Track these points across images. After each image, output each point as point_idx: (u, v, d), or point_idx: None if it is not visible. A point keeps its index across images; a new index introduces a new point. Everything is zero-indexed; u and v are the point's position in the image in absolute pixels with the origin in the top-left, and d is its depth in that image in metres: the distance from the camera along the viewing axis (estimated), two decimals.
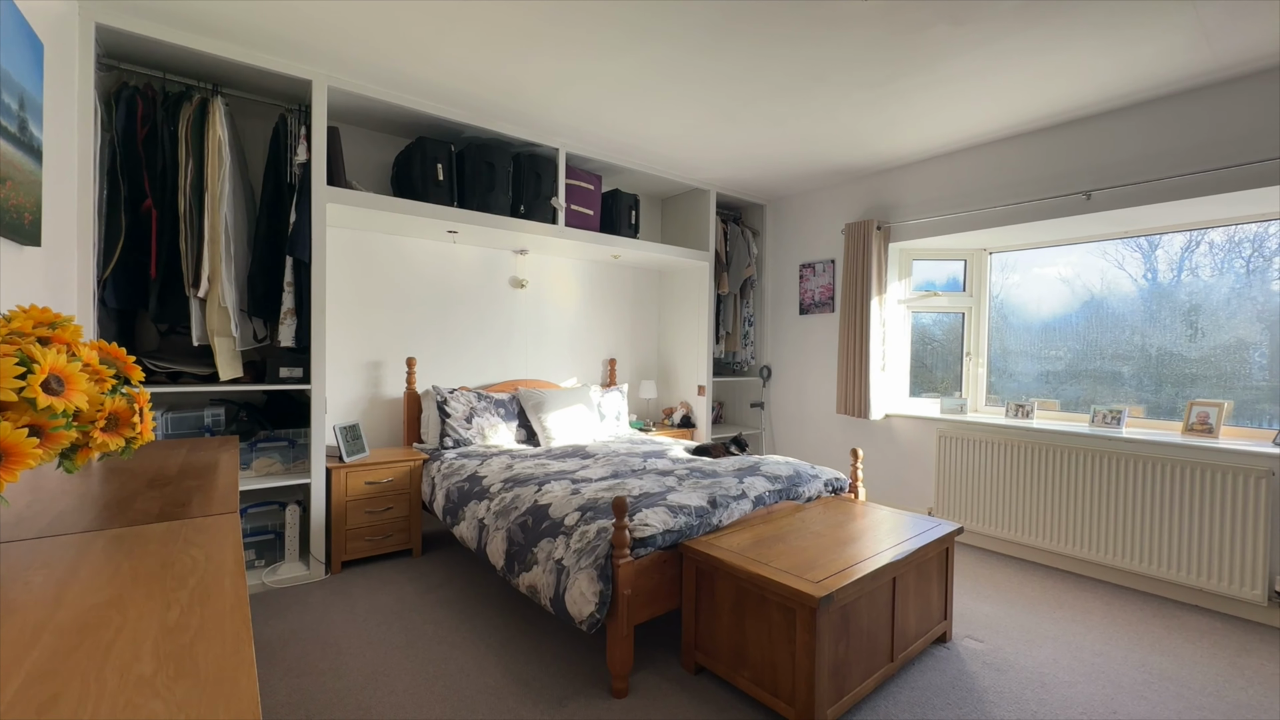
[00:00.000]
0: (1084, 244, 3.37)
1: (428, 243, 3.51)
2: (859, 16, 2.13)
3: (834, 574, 1.73)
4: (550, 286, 4.08)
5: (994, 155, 3.30)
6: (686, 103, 2.88)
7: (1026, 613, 2.50)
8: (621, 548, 1.84)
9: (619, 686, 1.85)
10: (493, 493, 2.52)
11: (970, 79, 2.57)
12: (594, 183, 3.65)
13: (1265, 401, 2.84)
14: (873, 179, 3.90)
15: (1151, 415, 3.15)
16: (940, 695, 1.88)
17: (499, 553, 2.26)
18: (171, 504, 1.04)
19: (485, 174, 3.19)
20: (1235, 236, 2.94)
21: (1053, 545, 3.02)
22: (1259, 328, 2.88)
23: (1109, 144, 2.87)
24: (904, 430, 3.76)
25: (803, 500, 2.57)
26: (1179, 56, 2.34)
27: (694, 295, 4.38)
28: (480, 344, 3.74)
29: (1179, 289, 3.12)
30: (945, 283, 3.91)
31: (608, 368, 4.41)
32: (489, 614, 2.40)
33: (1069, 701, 1.86)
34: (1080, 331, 3.46)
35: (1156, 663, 2.11)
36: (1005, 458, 3.21)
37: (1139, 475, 2.75)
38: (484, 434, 3.29)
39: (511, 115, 3.08)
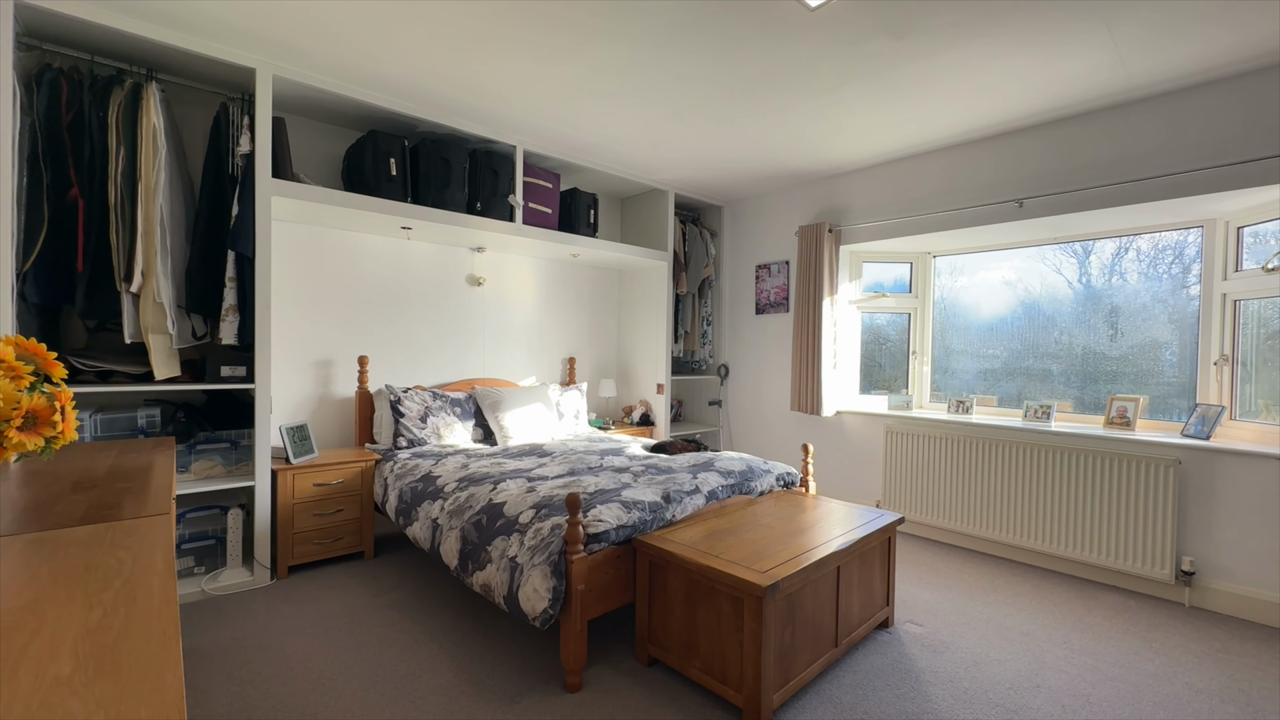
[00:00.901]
0: (1024, 249, 3.57)
1: (381, 239, 3.44)
2: (805, 26, 2.20)
3: (780, 564, 1.79)
4: (509, 285, 4.05)
5: (935, 163, 3.46)
6: (643, 104, 2.91)
7: (963, 597, 2.64)
8: (575, 544, 1.86)
9: (573, 681, 1.87)
10: (447, 492, 2.50)
11: (911, 90, 2.69)
12: (552, 181, 3.65)
13: (1176, 396, 3.08)
14: (824, 183, 4.03)
15: (1078, 410, 3.36)
16: (881, 677, 1.98)
17: (453, 552, 2.24)
18: (98, 507, 1.00)
19: (441, 170, 3.14)
20: (1160, 244, 3.17)
21: (988, 533, 3.20)
22: (1171, 329, 3.12)
23: (1039, 155, 3.06)
24: (854, 426, 3.90)
25: (755, 494, 2.64)
26: (1097, 76, 2.51)
27: (653, 295, 4.43)
28: (436, 342, 3.68)
29: (1109, 293, 3.34)
30: (893, 284, 4.08)
31: (567, 366, 4.40)
32: (442, 615, 2.38)
33: (997, 678, 1.98)
34: (1016, 332, 3.67)
35: (1077, 639, 2.27)
36: (947, 452, 3.38)
37: (1065, 466, 2.94)
38: (440, 434, 3.25)
39: (468, 111, 3.05)
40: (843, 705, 1.81)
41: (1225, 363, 2.82)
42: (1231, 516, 2.53)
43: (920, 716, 1.77)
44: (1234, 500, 2.52)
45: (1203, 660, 2.12)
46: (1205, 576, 2.58)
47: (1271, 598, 2.42)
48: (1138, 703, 1.86)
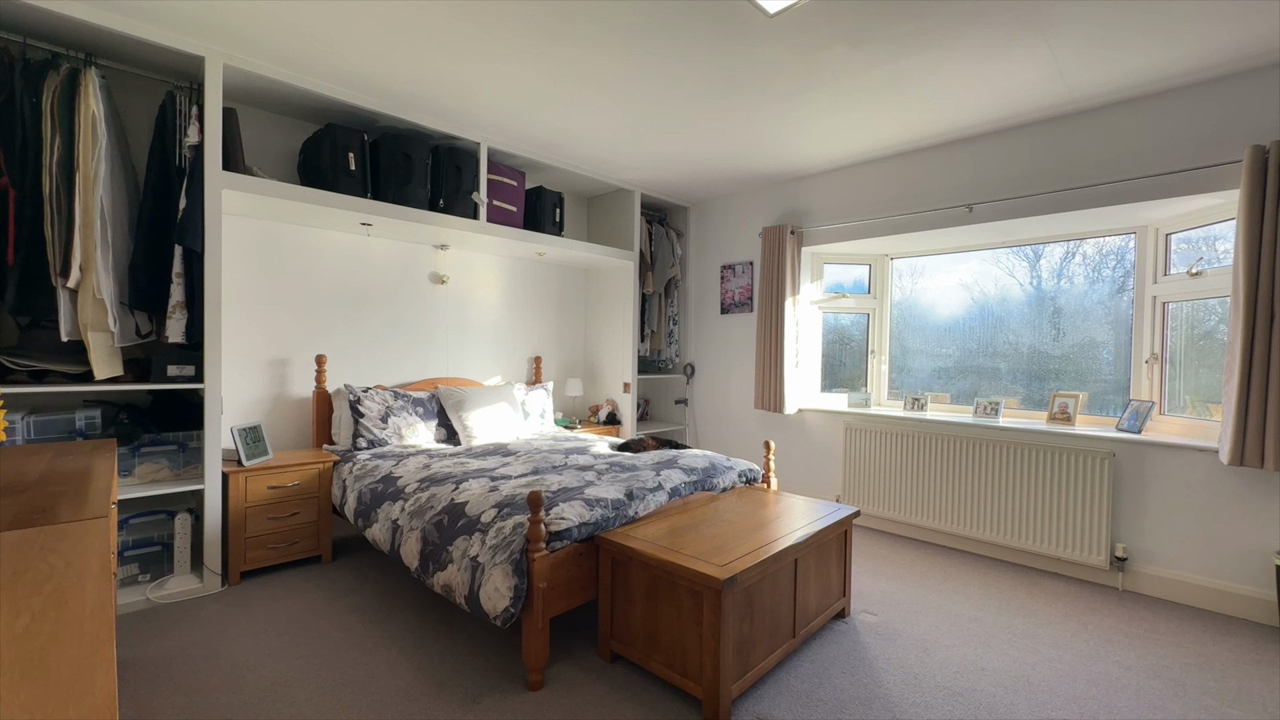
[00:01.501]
0: (980, 252, 3.71)
1: (340, 235, 3.35)
2: (766, 31, 2.25)
3: (739, 558, 1.83)
4: (473, 283, 4.00)
5: (892, 168, 3.58)
6: (607, 105, 2.93)
7: (916, 587, 2.75)
8: (537, 542, 1.86)
9: (535, 679, 1.87)
10: (408, 493, 2.46)
11: (868, 97, 2.77)
12: (517, 179, 3.62)
13: (1112, 393, 3.27)
14: (786, 186, 4.12)
15: (1025, 406, 3.53)
16: (837, 665, 2.04)
17: (413, 553, 2.21)
18: (29, 511, 0.96)
19: (402, 165, 3.09)
20: (1104, 249, 3.34)
21: (941, 525, 3.32)
22: (1108, 329, 3.31)
23: (987, 162, 3.20)
24: (815, 423, 4.00)
25: (718, 491, 2.68)
26: (1038, 88, 2.65)
27: (620, 294, 4.44)
28: (398, 341, 3.62)
29: (1056, 295, 3.51)
30: (852, 285, 4.19)
31: (533, 365, 4.38)
32: (402, 617, 2.35)
33: (945, 663, 2.07)
34: (969, 332, 3.82)
35: (1020, 624, 2.38)
36: (902, 447, 3.50)
37: (1011, 460, 3.08)
38: (401, 434, 3.19)
39: (430, 106, 3.00)
40: (799, 694, 1.87)
41: (1155, 361, 3.01)
42: (1159, 505, 2.69)
43: (872, 701, 1.83)
44: (1162, 490, 2.69)
45: (1132, 640, 2.26)
46: (1136, 562, 2.75)
47: (1194, 580, 2.59)
48: (1072, 681, 1.97)
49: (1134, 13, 2.07)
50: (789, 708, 1.80)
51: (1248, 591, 2.47)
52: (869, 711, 1.79)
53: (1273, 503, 2.42)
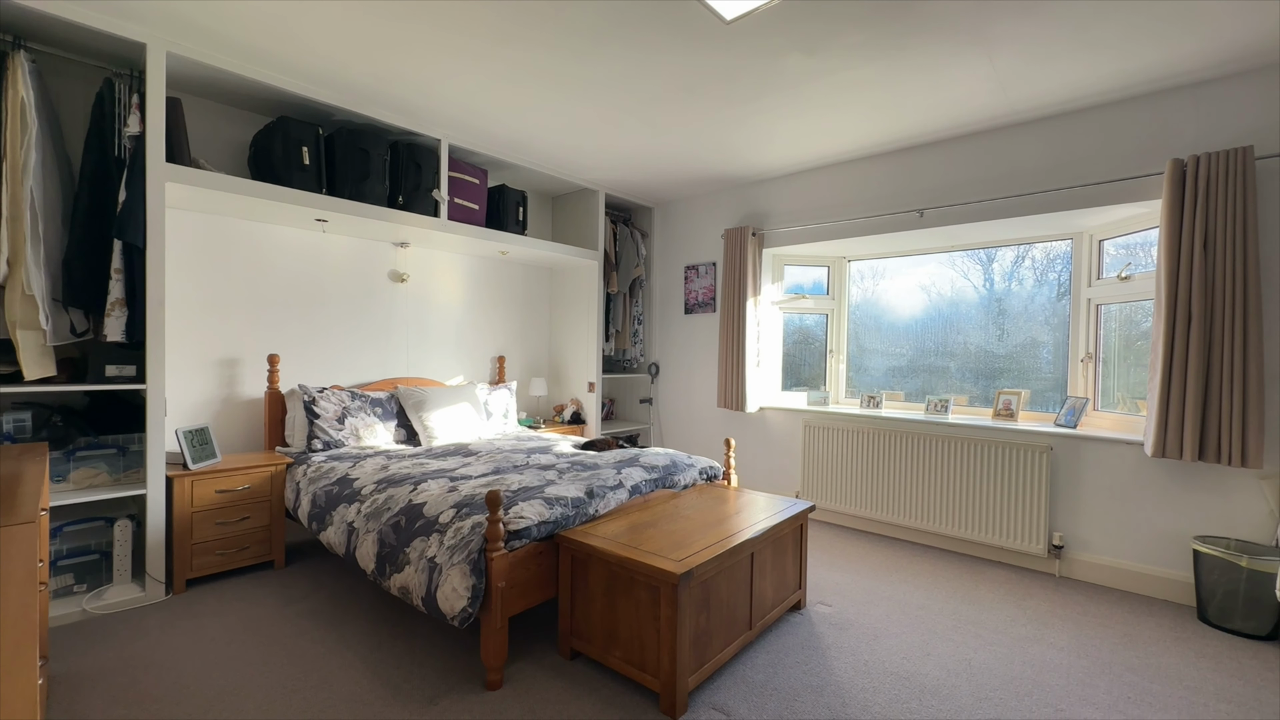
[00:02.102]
0: (938, 254, 3.84)
1: (294, 231, 3.26)
2: (724, 37, 2.30)
3: (696, 553, 1.87)
4: (434, 281, 3.94)
5: (846, 174, 3.69)
6: (568, 105, 2.93)
7: (869, 578, 2.84)
8: (495, 541, 1.86)
9: (493, 679, 1.87)
10: (364, 495, 2.42)
11: (823, 104, 2.86)
12: (479, 177, 3.59)
13: (1051, 390, 3.45)
14: (748, 188, 4.20)
15: (973, 403, 3.69)
16: (791, 655, 2.10)
17: (369, 556, 2.17)
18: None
19: (359, 161, 3.02)
20: (1051, 253, 3.51)
21: (894, 519, 3.45)
22: (1048, 330, 3.49)
23: (936, 169, 3.33)
24: (776, 421, 4.09)
25: (679, 488, 2.72)
26: (981, 100, 2.78)
27: (584, 293, 4.45)
28: (355, 340, 3.54)
29: (1006, 297, 3.67)
30: (811, 286, 4.30)
31: (496, 365, 4.34)
32: (358, 621, 2.31)
33: (894, 650, 2.15)
34: (923, 332, 3.97)
35: (965, 610, 2.50)
36: (858, 444, 3.61)
37: (959, 455, 3.22)
38: (358, 435, 3.13)
39: (388, 102, 2.95)
40: (754, 684, 1.92)
41: (1090, 360, 3.19)
42: (1092, 495, 2.86)
43: (823, 689, 1.90)
44: (1094, 481, 2.86)
45: (1065, 622, 2.40)
46: (1072, 549, 2.91)
47: (1122, 565, 2.76)
48: (1010, 663, 2.08)
49: (1066, 31, 2.20)
50: (744, 698, 1.84)
51: (1169, 574, 2.64)
52: (820, 699, 1.85)
53: (1191, 491, 2.60)
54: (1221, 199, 2.40)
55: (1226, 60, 2.39)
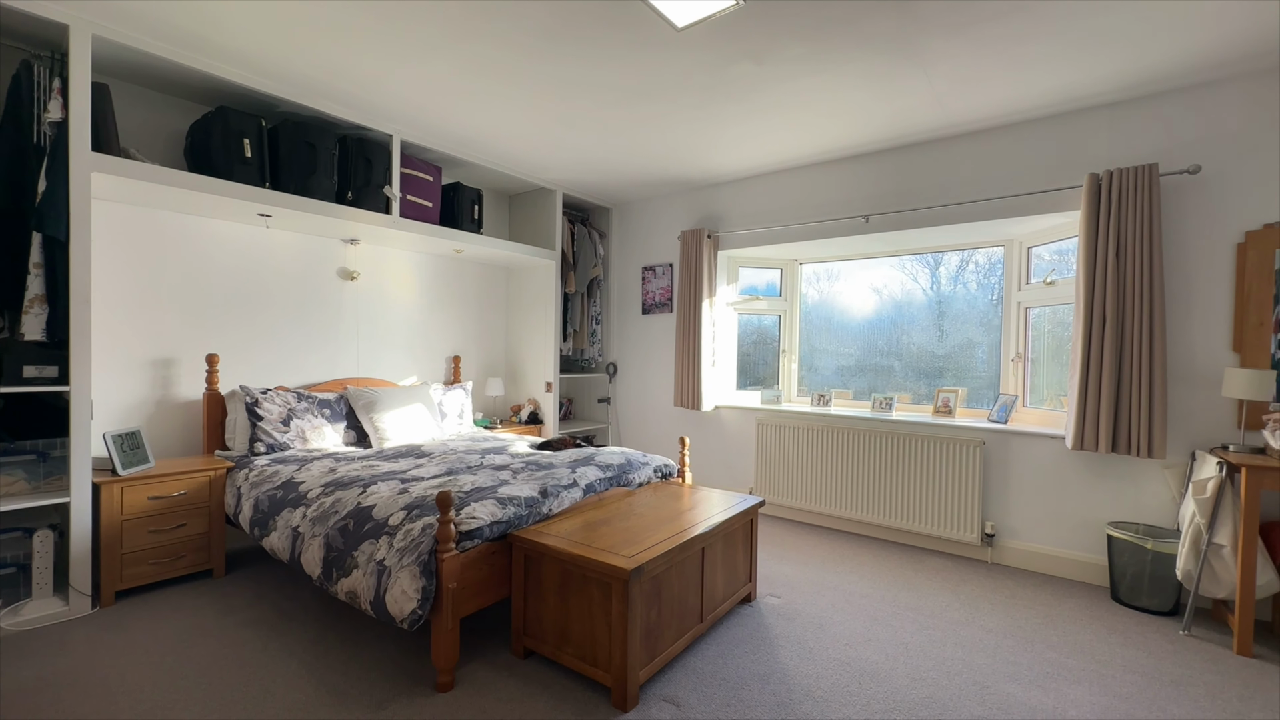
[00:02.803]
0: (889, 258, 3.99)
1: (235, 226, 3.13)
2: (676, 44, 2.35)
3: (647, 548, 1.91)
4: (387, 279, 3.86)
5: (797, 179, 3.81)
6: (524, 104, 2.92)
7: (817, 570, 2.95)
8: (446, 542, 1.85)
9: (444, 681, 1.86)
10: (310, 498, 2.35)
11: (773, 111, 2.95)
12: (433, 174, 3.54)
13: (986, 388, 3.65)
14: (703, 191, 4.28)
15: (916, 401, 3.87)
16: (741, 645, 2.17)
17: (315, 561, 2.12)
18: None
19: (305, 155, 2.93)
20: (993, 258, 3.71)
21: (842, 512, 3.58)
22: (983, 331, 3.69)
23: (880, 177, 3.48)
24: (731, 419, 4.18)
25: (634, 486, 2.76)
26: (921, 113, 2.92)
27: (542, 293, 4.43)
28: (302, 340, 3.42)
29: (945, 300, 3.86)
30: (765, 288, 4.42)
31: (452, 365, 4.28)
32: (302, 628, 2.24)
33: (838, 637, 2.25)
34: (874, 332, 4.14)
35: (904, 597, 2.63)
36: (809, 441, 3.73)
37: (901, 450, 3.37)
38: (305, 437, 3.03)
39: (336, 95, 2.88)
40: (704, 674, 1.97)
41: (1020, 360, 3.40)
42: (1020, 486, 3.05)
43: (770, 676, 1.97)
44: (1022, 473, 3.05)
45: (995, 606, 2.56)
46: (1002, 537, 3.10)
47: (1046, 551, 2.96)
48: (944, 644, 2.20)
49: (995, 52, 2.34)
50: (694, 688, 1.89)
51: (1086, 558, 2.85)
52: (766, 686, 1.92)
53: (1105, 481, 2.81)
54: (1132, 211, 2.60)
55: (1135, 84, 2.59)
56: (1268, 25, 2.13)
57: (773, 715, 1.76)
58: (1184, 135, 2.62)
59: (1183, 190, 2.63)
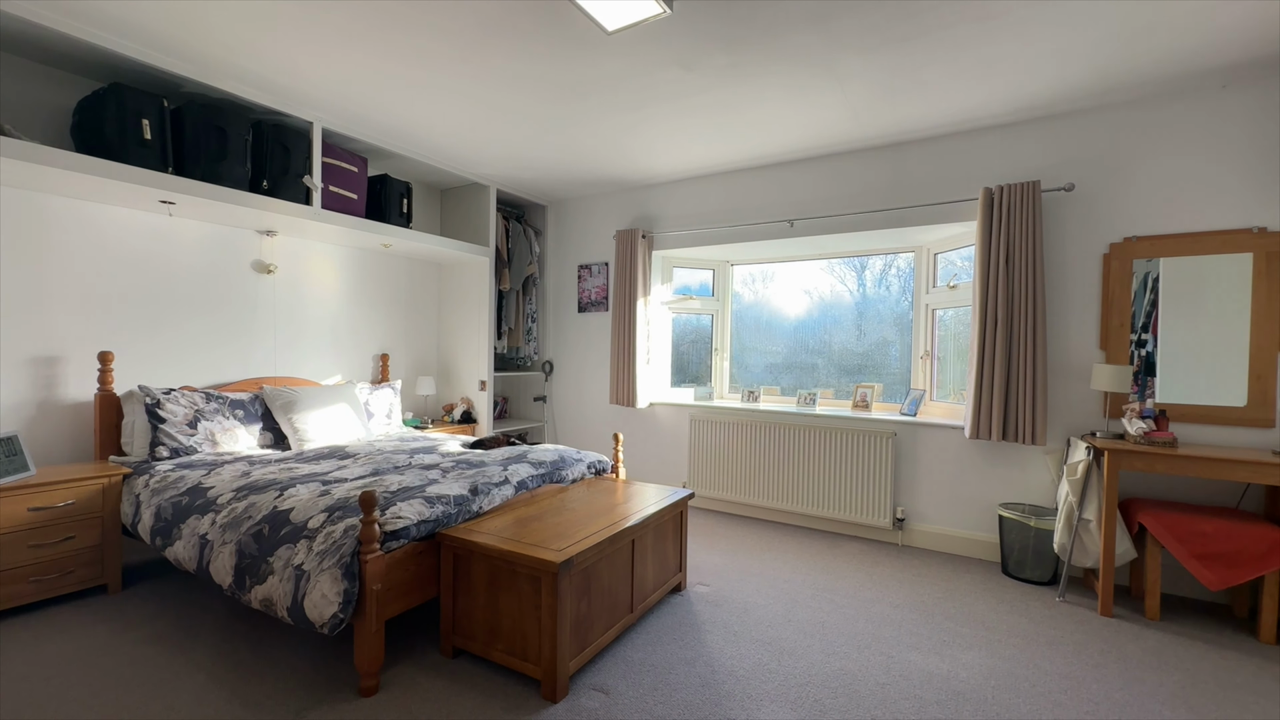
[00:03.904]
0: (819, 260, 4.18)
1: (133, 213, 2.89)
2: (608, 46, 2.39)
3: (577, 542, 1.94)
4: (307, 273, 3.67)
5: (727, 183, 3.96)
6: (456, 97, 2.88)
7: (744, 558, 3.09)
8: (370, 543, 1.81)
9: (368, 685, 1.82)
10: (221, 504, 2.22)
11: (702, 117, 3.05)
12: (358, 165, 3.40)
13: (899, 384, 3.93)
14: (638, 192, 4.35)
15: (838, 396, 4.10)
16: (670, 633, 2.24)
17: (226, 569, 2.01)
18: None
19: (213, 139, 2.76)
20: (913, 263, 3.97)
21: (769, 503, 3.76)
22: (896, 331, 3.97)
23: (803, 184, 3.68)
24: (665, 416, 4.28)
25: (567, 482, 2.78)
26: (838, 126, 3.12)
27: (475, 290, 4.36)
28: (212, 336, 3.21)
29: (866, 302, 4.10)
30: (698, 288, 4.54)
31: (379, 363, 4.13)
32: (211, 641, 2.12)
33: (761, 619, 2.37)
34: (799, 332, 4.34)
35: (823, 580, 2.80)
36: (739, 435, 3.88)
37: (823, 442, 3.58)
38: (215, 440, 2.85)
39: (249, 77, 2.72)
40: (633, 662, 2.03)
41: (928, 357, 3.68)
42: (926, 473, 3.32)
43: (696, 660, 2.05)
44: (928, 461, 3.31)
45: (903, 584, 2.77)
46: (911, 521, 3.36)
47: (948, 532, 3.23)
48: (856, 621, 2.37)
49: (902, 72, 2.54)
50: (623, 676, 1.95)
51: (981, 537, 3.14)
52: (693, 669, 2.00)
53: (997, 466, 3.11)
54: (1018, 223, 2.89)
55: (1021, 109, 2.88)
56: (1125, 63, 2.43)
57: (697, 695, 1.85)
58: (1061, 156, 2.94)
59: (1061, 205, 2.94)
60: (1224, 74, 2.51)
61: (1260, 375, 2.54)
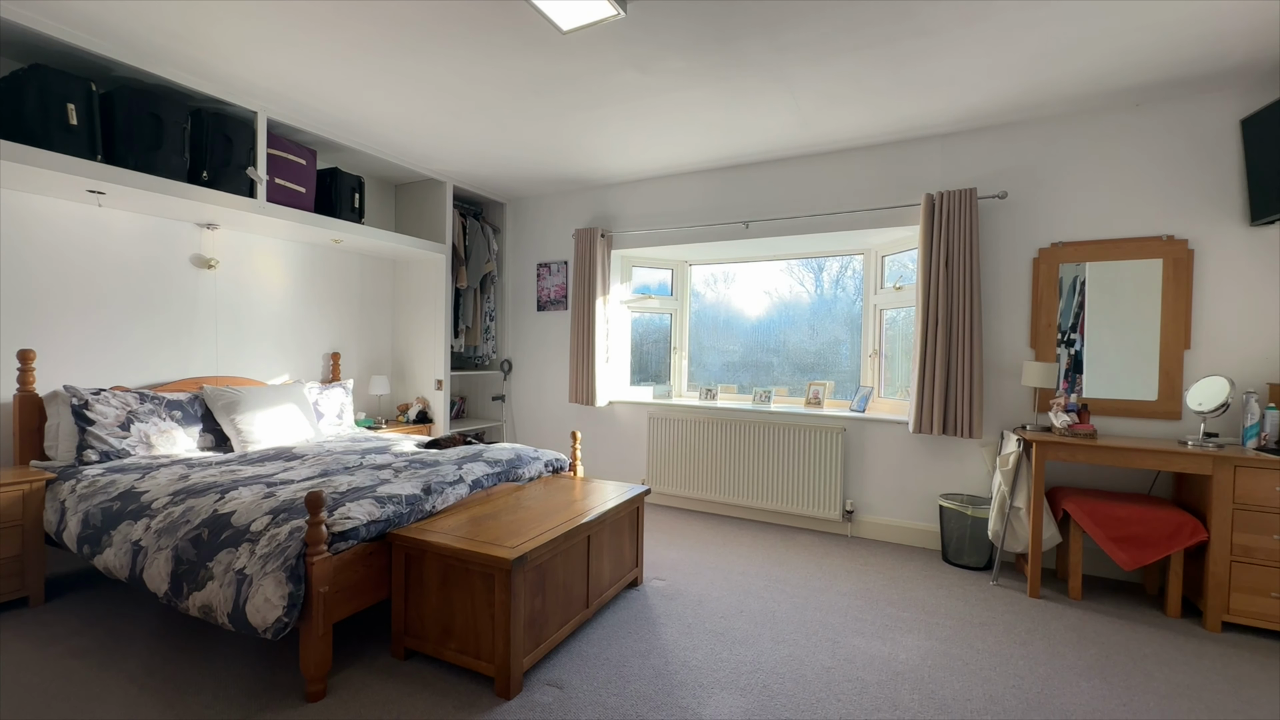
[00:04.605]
0: (778, 261, 4.28)
1: (58, 203, 2.72)
2: (564, 46, 2.40)
3: (531, 538, 1.95)
4: (252, 269, 3.53)
5: (685, 184, 4.02)
6: (410, 91, 2.83)
7: (700, 552, 3.15)
8: (317, 544, 1.77)
9: (315, 690, 1.78)
10: (156, 508, 2.13)
11: (659, 119, 3.09)
12: (307, 157, 3.30)
13: (849, 381, 4.07)
14: (597, 191, 4.36)
15: (792, 394, 4.22)
16: (625, 627, 2.27)
17: (162, 576, 1.93)
18: None
19: (148, 127, 2.63)
20: (864, 263, 4.10)
21: (726, 498, 3.83)
22: (847, 330, 4.12)
23: (759, 187, 3.77)
24: (624, 414, 4.31)
25: (524, 481, 2.78)
26: (790, 131, 3.21)
27: (431, 288, 4.28)
28: (146, 335, 3.05)
29: (821, 302, 4.23)
30: (658, 287, 4.59)
31: (330, 362, 4.01)
32: (145, 652, 2.03)
33: (714, 611, 2.43)
34: (756, 331, 4.44)
35: (775, 572, 2.88)
36: (697, 433, 3.95)
37: (777, 438, 3.68)
38: (150, 442, 2.72)
39: (188, 63, 2.60)
40: (587, 657, 2.05)
41: (876, 355, 3.83)
42: (874, 467, 3.46)
43: (650, 652, 2.09)
44: (875, 455, 3.46)
45: (850, 573, 2.89)
46: (860, 513, 3.49)
47: (894, 523, 3.38)
48: (805, 609, 2.46)
49: (848, 82, 2.64)
50: (578, 670, 1.97)
51: (924, 527, 3.30)
52: (647, 661, 2.03)
53: (938, 459, 3.27)
54: (958, 228, 3.05)
55: (960, 120, 3.04)
56: (1053, 81, 2.60)
57: (651, 686, 1.88)
58: (996, 165, 3.12)
59: (995, 212, 3.12)
60: (1138, 93, 2.72)
61: (1169, 372, 2.76)
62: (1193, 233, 2.73)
